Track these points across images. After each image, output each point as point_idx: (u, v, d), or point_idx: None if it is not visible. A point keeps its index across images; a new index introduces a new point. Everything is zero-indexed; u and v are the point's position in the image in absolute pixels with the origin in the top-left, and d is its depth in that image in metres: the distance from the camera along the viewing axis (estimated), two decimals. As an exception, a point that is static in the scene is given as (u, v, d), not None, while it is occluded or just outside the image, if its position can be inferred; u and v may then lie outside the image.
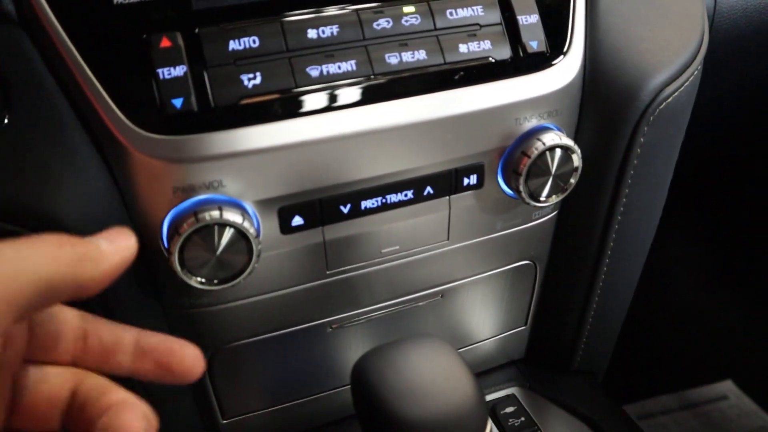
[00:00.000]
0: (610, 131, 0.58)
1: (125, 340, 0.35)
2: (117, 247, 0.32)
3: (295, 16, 0.47)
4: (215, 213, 0.43)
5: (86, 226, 0.44)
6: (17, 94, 0.44)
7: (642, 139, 0.57)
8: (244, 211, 0.46)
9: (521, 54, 0.52)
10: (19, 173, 0.43)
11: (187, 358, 0.35)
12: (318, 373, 0.66)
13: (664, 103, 0.57)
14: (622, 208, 0.62)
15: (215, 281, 0.46)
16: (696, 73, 0.59)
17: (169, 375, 0.35)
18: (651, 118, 0.57)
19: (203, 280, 0.45)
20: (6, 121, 0.43)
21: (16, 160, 0.43)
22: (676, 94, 0.57)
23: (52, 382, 0.33)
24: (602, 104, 0.57)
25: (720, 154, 1.11)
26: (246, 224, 0.44)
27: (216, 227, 0.44)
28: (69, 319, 0.34)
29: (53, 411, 0.33)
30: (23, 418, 0.33)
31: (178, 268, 0.44)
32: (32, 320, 0.33)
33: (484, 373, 0.78)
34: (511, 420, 0.70)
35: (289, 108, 0.46)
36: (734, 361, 1.32)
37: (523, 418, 0.70)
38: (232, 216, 0.44)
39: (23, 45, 0.44)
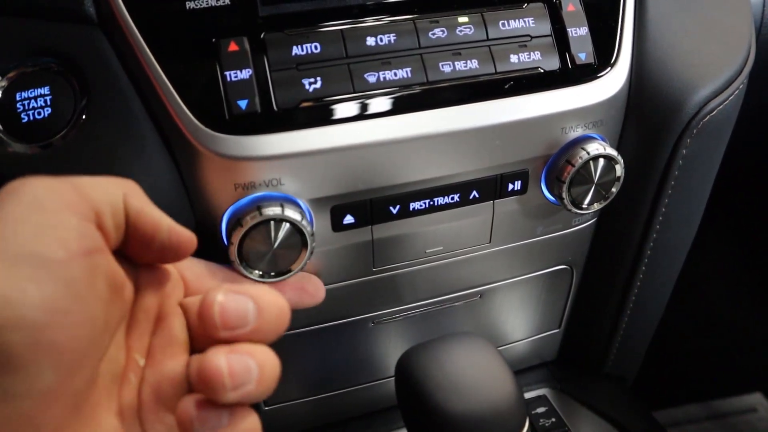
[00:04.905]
0: (653, 142, 0.59)
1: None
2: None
3: (355, 24, 0.49)
4: (277, 209, 0.46)
5: (153, 217, 0.47)
6: (95, 90, 0.47)
7: (684, 151, 0.58)
8: (301, 209, 0.48)
9: (570, 65, 0.53)
10: (92, 165, 0.46)
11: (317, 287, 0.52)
12: (357, 366, 0.69)
13: (708, 117, 0.57)
14: (660, 218, 0.63)
15: (271, 274, 0.48)
16: (741, 87, 0.60)
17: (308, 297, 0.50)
18: (694, 131, 0.57)
19: (260, 273, 0.48)
20: (84, 116, 0.46)
21: (91, 152, 0.46)
22: (720, 107, 0.58)
23: None
24: (646, 116, 0.58)
25: (759, 164, 1.10)
26: (304, 222, 0.47)
27: (274, 222, 0.46)
28: (214, 267, 0.46)
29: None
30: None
31: (236, 259, 0.46)
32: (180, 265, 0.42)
33: (516, 373, 0.79)
34: (542, 420, 0.71)
35: (347, 112, 0.48)
36: (765, 374, 1.31)
37: (553, 419, 0.72)
38: (292, 213, 0.46)
39: (101, 45, 0.47)
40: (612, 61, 0.55)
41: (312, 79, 0.47)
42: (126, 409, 0.35)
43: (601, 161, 0.54)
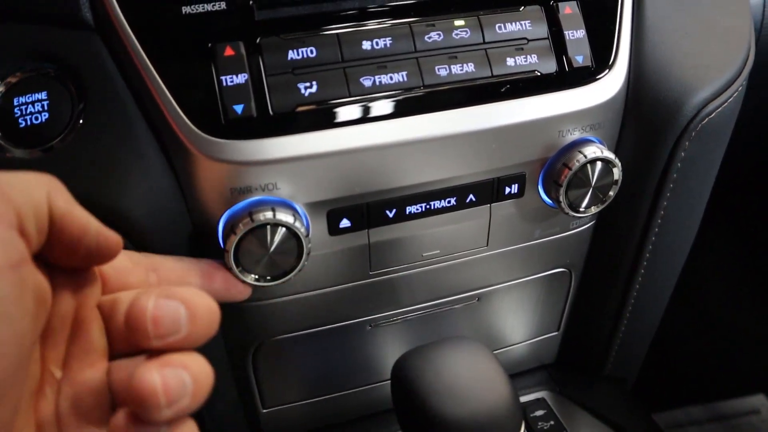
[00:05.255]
0: (651, 145, 0.59)
1: (193, 267, 0.44)
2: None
3: (351, 28, 0.49)
4: (269, 214, 0.46)
5: (149, 222, 0.47)
6: (92, 95, 0.47)
7: (683, 154, 0.58)
8: (295, 212, 0.48)
9: (567, 68, 0.53)
10: (90, 169, 0.46)
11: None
12: (354, 369, 0.69)
13: (706, 119, 0.57)
14: (659, 221, 0.63)
15: (268, 278, 0.48)
16: (740, 89, 0.59)
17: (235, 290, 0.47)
18: (693, 134, 0.57)
19: (256, 277, 0.48)
20: (81, 121, 0.46)
21: (87, 157, 0.46)
22: (719, 109, 0.58)
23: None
24: (644, 118, 0.58)
25: (761, 165, 1.10)
26: (297, 224, 0.47)
27: (269, 227, 0.46)
28: (138, 256, 0.41)
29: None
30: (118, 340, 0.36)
31: (233, 265, 0.47)
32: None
33: (515, 376, 0.79)
34: (540, 423, 0.71)
35: (343, 116, 0.48)
36: (767, 375, 1.30)
37: (552, 422, 0.72)
38: (285, 216, 0.46)
39: (98, 50, 0.47)
40: (609, 64, 0.55)
41: (308, 84, 0.47)
42: (44, 426, 0.32)
43: (599, 164, 0.54)
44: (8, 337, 0.27)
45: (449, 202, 0.54)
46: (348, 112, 0.48)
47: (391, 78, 0.49)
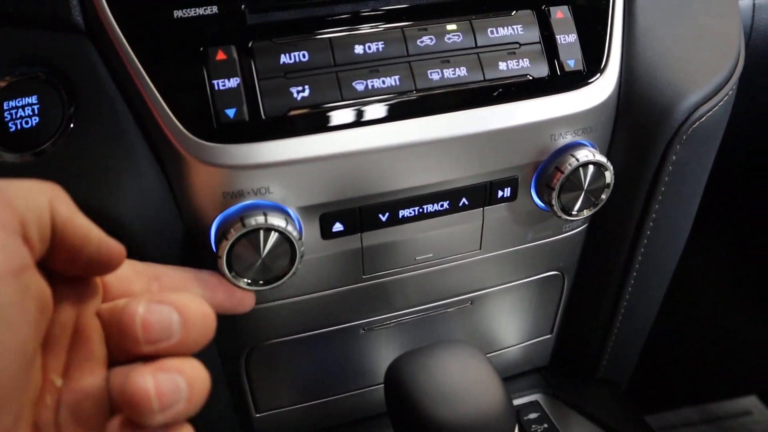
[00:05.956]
0: (643, 148, 0.59)
1: (195, 277, 0.44)
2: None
3: (343, 32, 0.49)
4: (260, 218, 0.46)
5: (140, 226, 0.47)
6: (82, 99, 0.47)
7: (674, 157, 0.59)
8: (288, 216, 0.48)
9: (559, 72, 0.53)
10: (81, 174, 0.46)
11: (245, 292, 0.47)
12: (348, 373, 0.69)
13: (697, 123, 0.58)
14: (651, 224, 0.63)
15: (261, 282, 0.48)
16: (731, 93, 0.60)
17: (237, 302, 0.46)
18: (684, 137, 0.58)
19: (249, 282, 0.48)
20: (72, 125, 0.46)
21: (78, 161, 0.46)
22: (710, 113, 0.58)
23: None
24: (636, 122, 0.58)
25: (752, 169, 1.10)
26: (290, 229, 0.47)
27: (261, 231, 0.46)
28: (141, 266, 0.41)
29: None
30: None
31: (226, 270, 0.46)
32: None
33: (508, 379, 0.79)
34: (534, 426, 0.71)
35: (335, 120, 0.48)
36: (759, 376, 1.31)
37: (546, 425, 0.72)
38: (277, 221, 0.46)
39: (89, 54, 0.47)
40: (601, 68, 0.55)
41: (300, 88, 0.47)
42: None
43: (591, 168, 0.54)
44: (11, 343, 0.27)
45: (442, 205, 0.54)
46: (340, 116, 0.48)
47: (384, 82, 0.49)
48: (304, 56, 0.48)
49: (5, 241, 0.27)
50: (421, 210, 0.54)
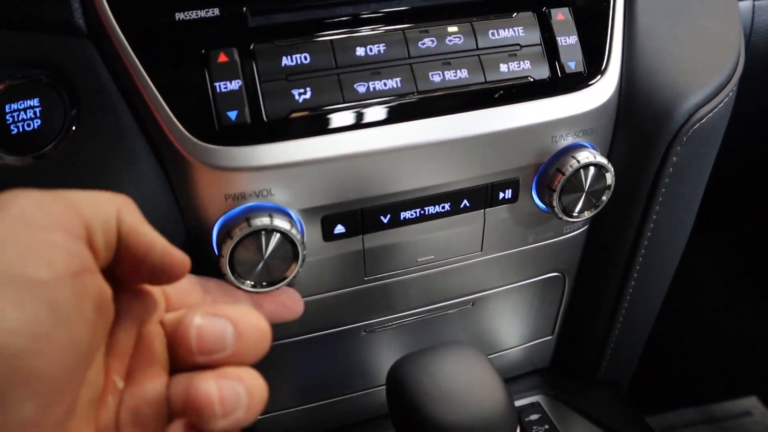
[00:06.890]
0: (644, 150, 0.59)
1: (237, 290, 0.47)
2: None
3: (345, 34, 0.49)
4: (266, 219, 0.46)
5: (143, 228, 0.47)
6: (84, 102, 0.47)
7: (674, 159, 0.59)
8: (290, 219, 0.48)
9: (559, 74, 0.54)
10: (83, 176, 0.46)
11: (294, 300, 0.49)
12: (350, 375, 0.69)
13: (698, 124, 0.58)
14: (652, 225, 0.64)
15: (263, 284, 0.48)
16: (731, 94, 0.60)
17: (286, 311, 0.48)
18: (684, 139, 0.58)
19: (252, 284, 0.48)
20: (74, 128, 0.46)
21: (80, 163, 0.46)
22: (710, 114, 0.58)
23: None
24: (636, 123, 0.58)
25: (752, 170, 1.11)
26: (293, 231, 0.47)
27: (264, 233, 0.46)
28: (193, 278, 0.43)
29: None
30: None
31: (228, 271, 0.46)
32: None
33: (509, 380, 0.79)
34: (535, 427, 0.71)
35: (337, 122, 0.48)
36: (759, 377, 1.31)
37: (547, 426, 0.72)
38: (281, 223, 0.46)
39: (91, 56, 0.47)
40: (602, 70, 0.56)
41: (302, 90, 0.47)
42: None
43: (592, 169, 0.54)
44: (65, 341, 0.28)
45: (443, 207, 0.54)
46: (342, 118, 0.48)
47: (385, 84, 0.49)
48: (305, 58, 0.48)
49: (68, 243, 0.29)
50: (422, 212, 0.54)
